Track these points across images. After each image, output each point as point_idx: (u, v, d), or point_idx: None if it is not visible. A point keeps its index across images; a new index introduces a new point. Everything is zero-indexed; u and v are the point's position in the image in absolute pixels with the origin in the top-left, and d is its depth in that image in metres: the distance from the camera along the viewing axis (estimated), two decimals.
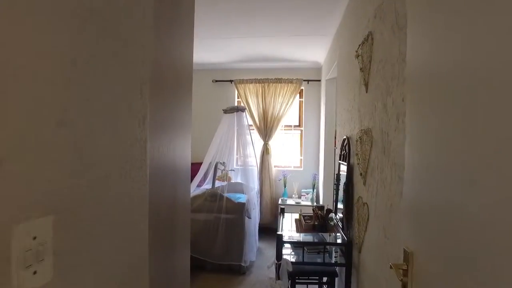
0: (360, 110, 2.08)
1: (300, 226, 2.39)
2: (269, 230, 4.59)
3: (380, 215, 1.58)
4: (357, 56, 1.97)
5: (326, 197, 4.11)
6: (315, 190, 4.68)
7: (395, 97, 1.39)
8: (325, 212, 2.30)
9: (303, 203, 4.55)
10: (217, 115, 4.49)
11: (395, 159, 1.37)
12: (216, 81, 5.10)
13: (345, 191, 2.27)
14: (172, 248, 1.49)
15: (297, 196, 4.77)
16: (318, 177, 4.67)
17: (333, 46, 3.57)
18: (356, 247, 2.02)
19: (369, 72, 1.82)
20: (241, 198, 3.72)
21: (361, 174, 1.93)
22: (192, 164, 4.84)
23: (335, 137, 4.01)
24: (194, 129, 5.19)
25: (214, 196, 3.45)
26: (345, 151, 2.43)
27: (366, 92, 1.88)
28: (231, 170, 4.21)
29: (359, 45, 1.99)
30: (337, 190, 2.65)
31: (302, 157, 5.08)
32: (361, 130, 1.97)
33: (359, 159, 1.96)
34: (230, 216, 3.39)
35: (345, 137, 2.49)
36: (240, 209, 3.39)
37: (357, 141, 2.02)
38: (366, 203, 1.85)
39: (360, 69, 1.96)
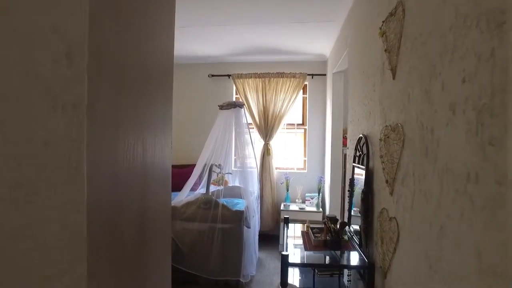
0: (382, 102, 1.71)
1: (308, 241, 2.01)
2: (270, 238, 4.21)
3: (419, 237, 1.20)
4: (382, 34, 1.59)
5: (333, 203, 3.73)
6: (320, 194, 4.30)
7: (446, 79, 1.01)
8: (339, 226, 1.92)
9: (307, 208, 4.17)
10: (213, 113, 4.08)
11: (448, 164, 0.99)
12: (213, 75, 4.71)
13: (363, 200, 1.88)
14: (147, 271, 1.12)
15: (300, 201, 4.38)
16: (324, 180, 4.29)
17: (342, 34, 3.19)
18: (379, 271, 1.64)
19: (398, 53, 1.44)
20: (239, 204, 3.33)
21: (387, 181, 1.55)
22: (186, 166, 4.43)
23: (344, 136, 3.63)
24: (188, 128, 4.80)
25: (208, 203, 3.06)
26: (362, 152, 2.05)
27: (394, 78, 1.51)
28: (227, 173, 3.81)
29: (383, 22, 1.62)
30: (350, 197, 2.27)
31: (306, 158, 4.69)
32: (386, 126, 1.60)
33: (384, 162, 1.58)
34: (227, 226, 3.00)
35: (361, 135, 2.11)
36: (238, 218, 3.01)
37: (380, 140, 1.64)
38: (394, 217, 1.47)
39: (385, 50, 1.58)
